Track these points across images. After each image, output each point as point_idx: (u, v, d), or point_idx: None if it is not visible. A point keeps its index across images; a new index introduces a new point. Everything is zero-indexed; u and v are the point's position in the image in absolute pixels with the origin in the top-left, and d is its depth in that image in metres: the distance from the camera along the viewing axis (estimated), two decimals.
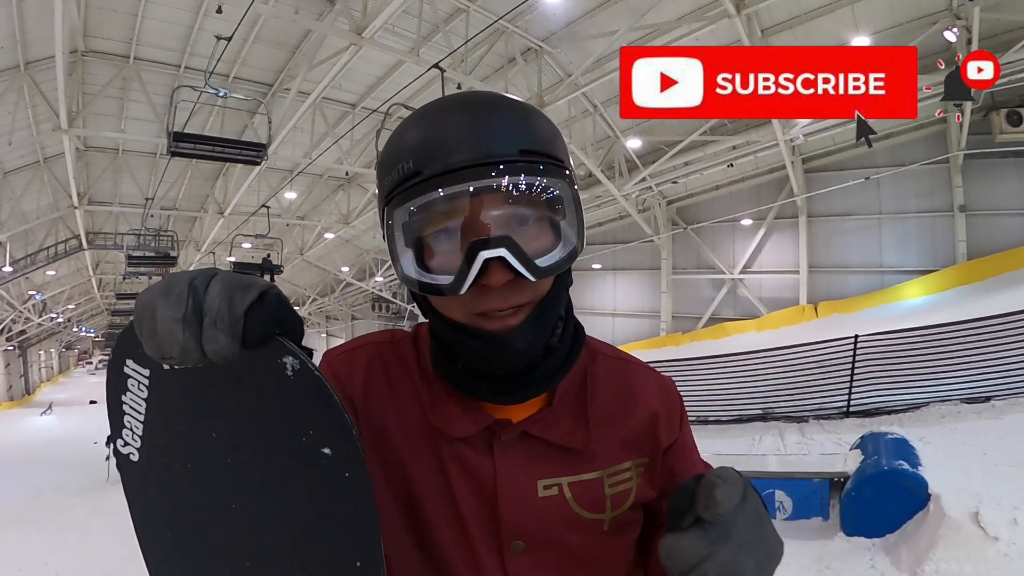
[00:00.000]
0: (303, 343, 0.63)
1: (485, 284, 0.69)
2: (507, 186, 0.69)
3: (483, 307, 0.72)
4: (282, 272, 21.42)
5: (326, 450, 0.62)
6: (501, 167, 0.68)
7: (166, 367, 0.63)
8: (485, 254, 0.68)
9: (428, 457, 0.81)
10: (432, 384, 0.83)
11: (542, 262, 0.71)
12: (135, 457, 0.68)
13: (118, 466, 0.70)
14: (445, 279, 0.71)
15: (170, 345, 0.54)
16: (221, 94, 11.43)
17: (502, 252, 0.68)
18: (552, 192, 0.72)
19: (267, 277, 19.63)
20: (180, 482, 0.67)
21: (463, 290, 0.69)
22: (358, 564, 0.64)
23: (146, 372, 0.65)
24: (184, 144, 11.62)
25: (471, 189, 0.68)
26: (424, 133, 0.72)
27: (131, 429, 0.67)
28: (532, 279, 0.70)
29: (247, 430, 0.64)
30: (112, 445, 0.70)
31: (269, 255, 20.15)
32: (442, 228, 0.71)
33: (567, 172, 0.74)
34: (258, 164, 13.76)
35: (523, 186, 0.70)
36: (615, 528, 0.85)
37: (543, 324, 0.76)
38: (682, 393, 0.96)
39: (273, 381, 0.61)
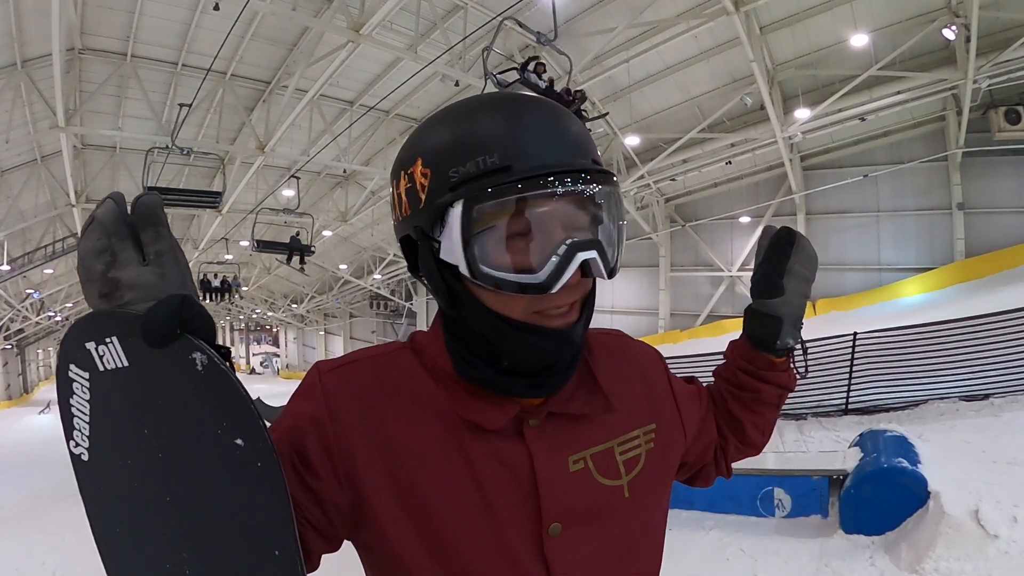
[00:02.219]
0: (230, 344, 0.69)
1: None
2: (594, 192, 0.74)
3: (547, 304, 0.76)
4: (314, 252, 19.68)
5: (239, 441, 0.66)
6: (589, 176, 0.72)
7: (100, 368, 0.67)
8: (583, 255, 0.73)
9: (452, 459, 0.80)
10: (451, 386, 0.83)
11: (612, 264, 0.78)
12: (85, 457, 0.71)
13: (72, 466, 0.73)
14: (530, 278, 0.73)
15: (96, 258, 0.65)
16: (185, 152, 13.42)
17: (594, 254, 0.74)
18: (615, 201, 0.79)
19: (296, 257, 18.39)
20: (123, 478, 0.70)
21: (556, 288, 0.73)
22: (276, 553, 0.68)
23: (86, 375, 0.68)
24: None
25: (562, 192, 0.71)
26: (507, 128, 0.74)
27: (80, 430, 0.71)
28: (607, 279, 0.78)
29: (171, 426, 0.67)
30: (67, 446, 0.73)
31: (299, 233, 18.98)
32: (525, 225, 0.73)
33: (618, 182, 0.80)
34: (215, 209, 16.58)
35: (603, 194, 0.76)
36: (635, 493, 0.88)
37: (589, 318, 0.83)
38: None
39: (186, 377, 0.65)
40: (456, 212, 0.72)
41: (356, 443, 0.80)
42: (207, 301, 23.65)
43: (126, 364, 0.66)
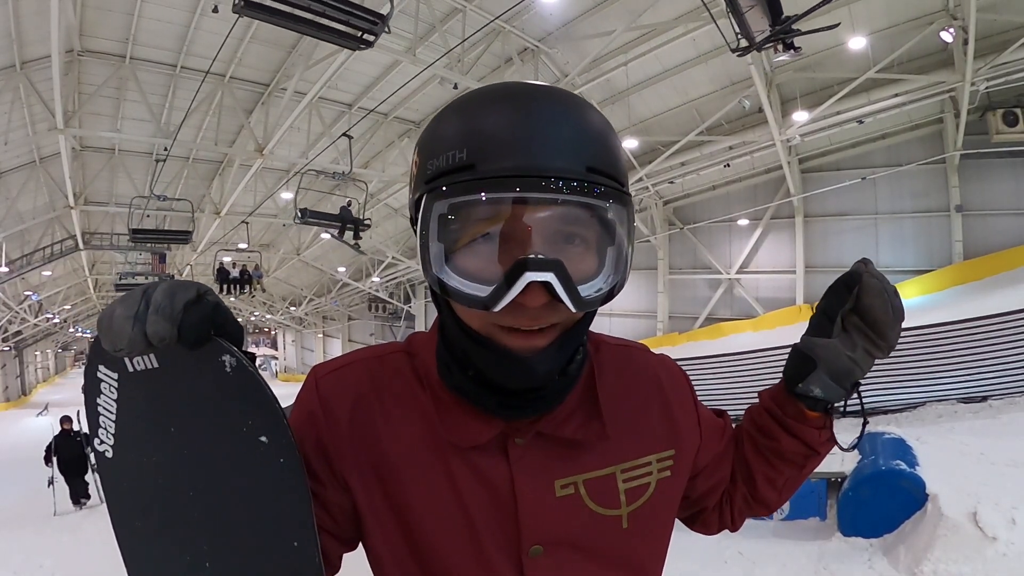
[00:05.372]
0: (244, 349, 0.70)
1: (520, 302, 0.65)
2: (566, 206, 0.65)
3: (511, 322, 0.68)
4: (368, 226, 16.94)
5: (263, 439, 0.70)
6: (563, 184, 0.63)
7: (129, 369, 0.71)
8: (531, 276, 0.64)
9: (434, 472, 0.78)
10: (437, 394, 0.80)
11: (586, 291, 0.68)
12: (110, 454, 0.75)
13: (96, 462, 0.77)
14: (479, 289, 0.66)
15: (120, 337, 0.62)
16: (162, 199, 15.02)
17: (549, 277, 0.64)
18: (610, 219, 0.68)
19: (349, 232, 16.44)
20: (147, 475, 0.74)
21: (498, 308, 0.65)
22: (295, 544, 0.71)
23: (115, 376, 0.72)
24: (138, 236, 15.82)
25: (526, 201, 0.64)
26: (484, 123, 0.66)
27: (106, 428, 0.75)
28: (573, 310, 0.67)
29: (197, 424, 0.71)
30: (90, 444, 0.77)
31: (350, 202, 16.77)
32: (485, 232, 0.66)
33: (628, 198, 0.70)
34: (187, 244, 18.43)
35: (583, 209, 0.66)
36: (635, 523, 0.84)
37: (567, 350, 0.74)
38: None
39: (214, 378, 0.68)
40: (423, 203, 0.67)
41: (348, 446, 0.79)
42: (224, 294, 22.03)
43: (156, 366, 0.70)
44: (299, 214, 15.52)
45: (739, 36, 8.41)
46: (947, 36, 11.37)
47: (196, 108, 13.56)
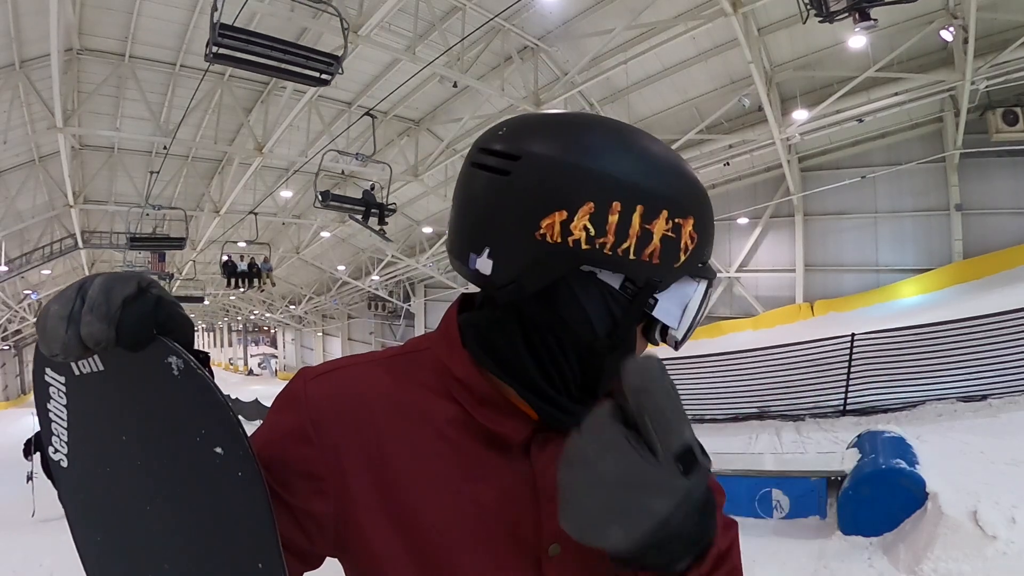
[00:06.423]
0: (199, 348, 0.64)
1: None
2: None
3: None
4: (395, 210, 15.93)
5: (218, 449, 0.63)
6: None
7: (76, 373, 0.65)
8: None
9: (446, 476, 0.74)
10: (463, 396, 0.76)
11: None
12: (65, 463, 0.69)
13: (52, 473, 0.71)
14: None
15: (54, 340, 0.57)
16: (157, 207, 16.26)
17: None
18: None
19: (374, 216, 15.35)
20: (103, 485, 0.68)
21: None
22: (260, 566, 0.64)
23: (62, 380, 0.66)
24: (136, 242, 17.29)
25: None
26: (710, 220, 0.78)
27: (58, 436, 0.68)
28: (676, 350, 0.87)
29: (150, 432, 0.65)
30: (43, 453, 0.71)
31: (373, 186, 16.00)
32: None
33: None
34: (181, 250, 19.36)
35: None
36: None
37: None
38: (678, 392, 0.97)
39: (162, 383, 0.62)
40: (699, 290, 0.82)
41: (345, 457, 0.74)
42: (232, 288, 21.78)
43: (101, 368, 0.64)
44: (320, 197, 14.77)
45: (808, 7, 8.42)
46: (947, 35, 11.38)
47: (195, 106, 13.55)
